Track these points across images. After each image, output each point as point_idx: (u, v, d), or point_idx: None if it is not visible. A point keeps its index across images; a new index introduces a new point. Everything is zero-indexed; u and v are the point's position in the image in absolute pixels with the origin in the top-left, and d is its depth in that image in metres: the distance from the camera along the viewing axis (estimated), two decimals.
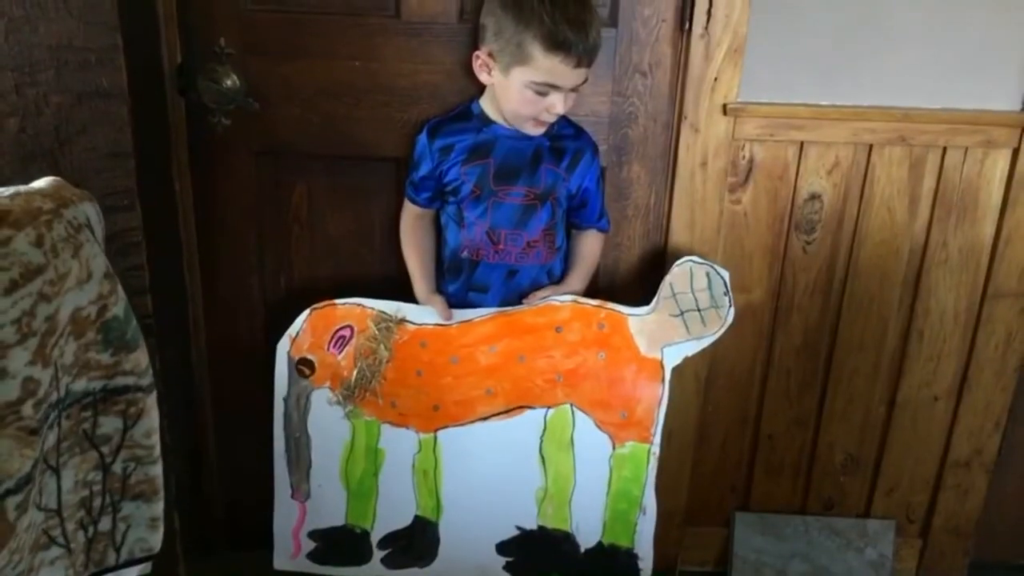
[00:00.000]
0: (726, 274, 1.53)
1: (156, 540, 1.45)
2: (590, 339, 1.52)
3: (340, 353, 1.54)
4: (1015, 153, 1.58)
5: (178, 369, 1.74)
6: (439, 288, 1.59)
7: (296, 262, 1.73)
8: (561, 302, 1.53)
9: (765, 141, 1.59)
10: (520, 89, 1.40)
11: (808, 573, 1.86)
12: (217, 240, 1.72)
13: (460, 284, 1.56)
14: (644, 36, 1.55)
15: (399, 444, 1.57)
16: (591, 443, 1.55)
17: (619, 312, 1.53)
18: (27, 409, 1.13)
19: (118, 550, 1.41)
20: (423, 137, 1.52)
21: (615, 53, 1.56)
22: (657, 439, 1.55)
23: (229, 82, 1.57)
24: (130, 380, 1.32)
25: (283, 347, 1.56)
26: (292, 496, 1.61)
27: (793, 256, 1.67)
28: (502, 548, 1.62)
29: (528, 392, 1.54)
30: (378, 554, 1.63)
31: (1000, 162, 1.59)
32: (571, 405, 1.55)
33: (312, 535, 1.64)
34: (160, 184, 1.61)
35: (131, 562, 1.44)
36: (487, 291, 1.55)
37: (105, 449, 1.33)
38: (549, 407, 1.55)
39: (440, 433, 1.56)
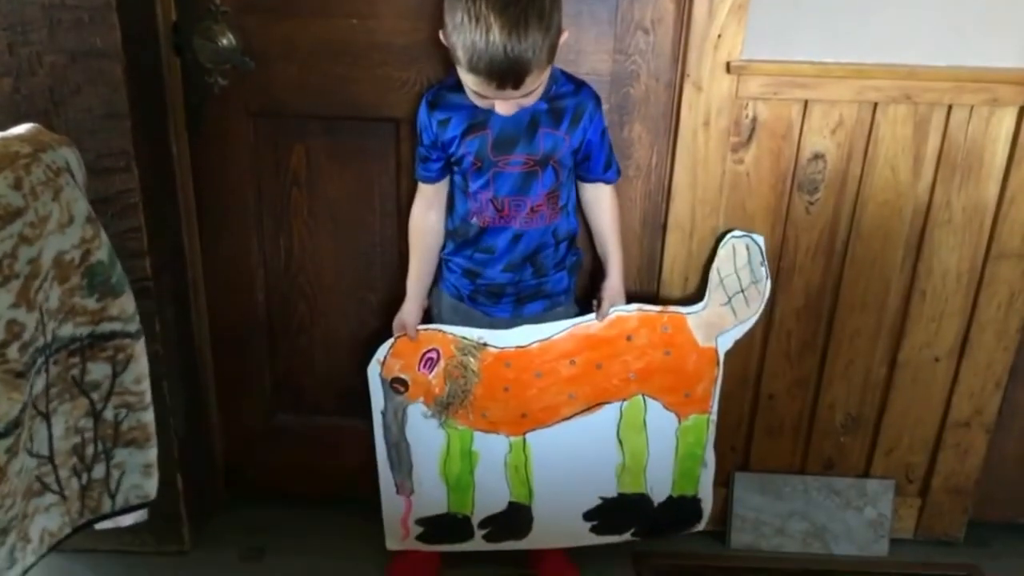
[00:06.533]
0: (761, 239, 1.62)
1: (151, 486, 1.46)
2: (657, 341, 1.64)
3: (431, 373, 1.64)
4: (1021, 112, 1.56)
5: (178, 330, 1.74)
6: (444, 253, 1.60)
7: (295, 223, 1.72)
8: (628, 313, 1.62)
9: (769, 100, 1.57)
10: (465, 83, 1.37)
11: (807, 532, 1.87)
12: (215, 201, 1.71)
13: (468, 247, 1.56)
14: None
15: (491, 446, 1.69)
16: (661, 422, 1.69)
17: (680, 313, 1.64)
18: (12, 352, 1.13)
19: (113, 497, 1.43)
20: (423, 109, 1.50)
21: (617, 10, 1.53)
22: (714, 408, 1.70)
23: (225, 41, 1.55)
24: (117, 326, 1.32)
25: (374, 371, 1.65)
26: (397, 492, 1.73)
27: (795, 216, 1.66)
28: (587, 515, 1.75)
29: (605, 391, 1.67)
30: (479, 532, 1.76)
31: (1006, 120, 1.57)
32: (642, 395, 1.67)
33: (419, 522, 1.76)
34: (157, 145, 1.60)
35: (127, 509, 1.46)
36: (494, 253, 1.55)
37: (95, 395, 1.34)
38: (624, 400, 1.67)
39: (528, 435, 1.68)
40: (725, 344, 1.66)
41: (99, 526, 1.43)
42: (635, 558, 1.83)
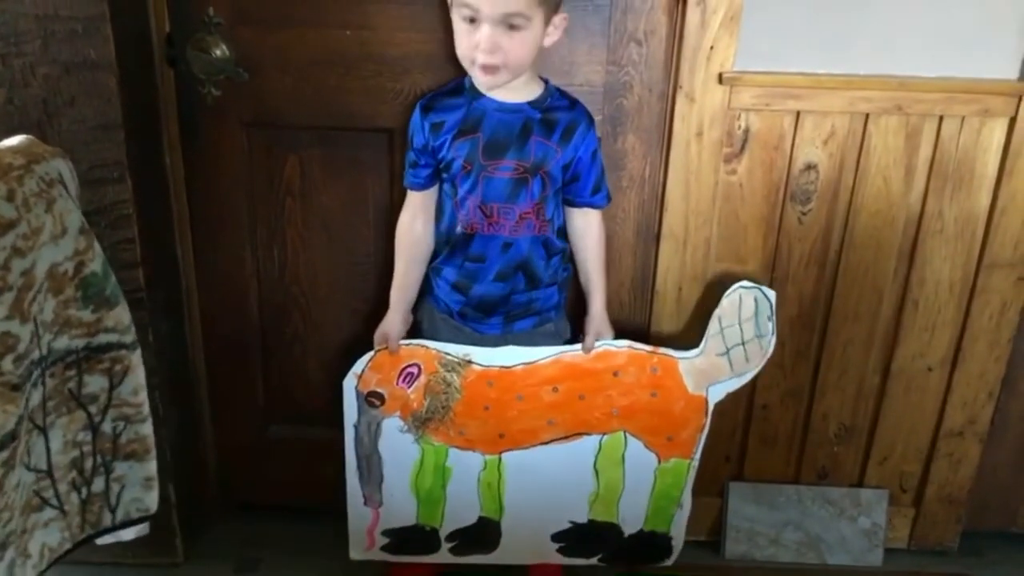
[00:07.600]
0: (772, 295, 1.58)
1: (152, 500, 1.45)
2: (644, 381, 1.61)
3: (410, 387, 1.61)
4: (1012, 122, 1.57)
5: (171, 341, 1.73)
6: (435, 264, 1.59)
7: (289, 233, 1.72)
8: (617, 348, 1.60)
9: (761, 111, 1.57)
10: (457, 21, 1.39)
11: (801, 542, 1.87)
12: (209, 212, 1.71)
13: (458, 256, 1.55)
14: (639, 4, 1.53)
15: (466, 463, 1.67)
16: (639, 459, 1.67)
17: (671, 356, 1.61)
18: (7, 364, 1.13)
19: (114, 511, 1.42)
20: (416, 113, 1.50)
21: (610, 21, 1.54)
22: (697, 454, 1.66)
23: (218, 52, 1.56)
24: (113, 337, 1.32)
25: (350, 384, 1.61)
26: (365, 504, 1.70)
27: (788, 227, 1.66)
28: (556, 537, 1.74)
29: (586, 423, 1.64)
30: (446, 545, 1.74)
31: (997, 131, 1.58)
32: (624, 432, 1.65)
33: (386, 532, 1.73)
34: (150, 156, 1.60)
35: (128, 523, 1.45)
36: (484, 261, 1.54)
37: (92, 408, 1.33)
38: (605, 434, 1.65)
39: (504, 455, 1.66)
40: (716, 395, 1.61)
41: (100, 541, 1.42)
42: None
